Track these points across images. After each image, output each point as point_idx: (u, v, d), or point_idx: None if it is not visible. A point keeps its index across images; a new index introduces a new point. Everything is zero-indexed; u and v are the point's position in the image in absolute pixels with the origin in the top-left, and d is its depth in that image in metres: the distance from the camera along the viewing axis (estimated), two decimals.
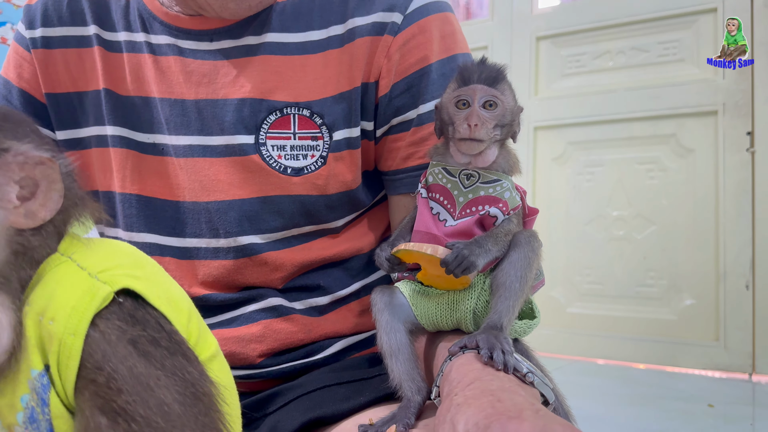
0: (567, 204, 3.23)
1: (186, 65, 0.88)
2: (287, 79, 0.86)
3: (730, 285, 2.80)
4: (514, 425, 0.47)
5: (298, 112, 0.86)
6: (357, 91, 0.86)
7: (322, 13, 0.87)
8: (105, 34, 0.92)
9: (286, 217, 0.87)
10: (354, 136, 0.87)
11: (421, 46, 0.86)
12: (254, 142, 0.86)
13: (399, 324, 0.74)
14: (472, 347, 0.65)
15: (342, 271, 0.93)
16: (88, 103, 0.92)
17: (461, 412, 0.53)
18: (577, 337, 3.14)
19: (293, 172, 0.86)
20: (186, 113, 0.87)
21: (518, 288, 0.69)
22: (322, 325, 0.91)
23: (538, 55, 3.35)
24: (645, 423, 1.98)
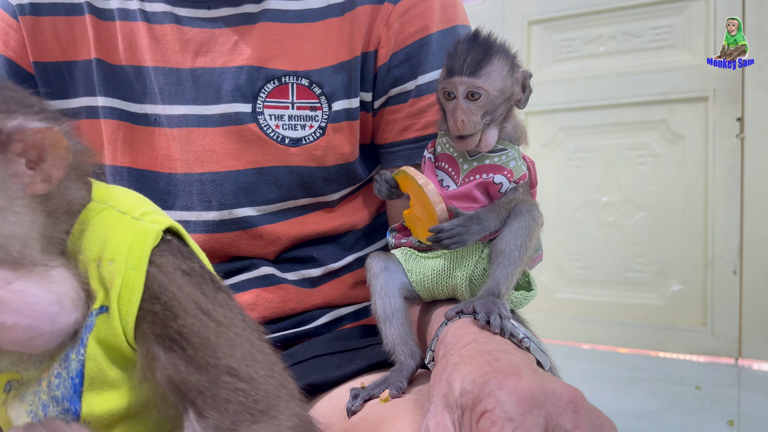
0: (556, 189, 3.24)
1: (183, 33, 0.86)
2: (286, 48, 0.84)
3: (717, 271, 2.82)
4: (512, 381, 0.46)
5: (297, 81, 0.84)
6: (357, 60, 0.85)
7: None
8: (96, 2, 0.89)
9: (283, 189, 0.86)
10: (353, 107, 0.86)
11: (421, 16, 0.85)
12: (251, 111, 0.84)
13: (394, 289, 0.73)
14: (468, 312, 0.63)
15: (335, 246, 0.92)
16: (78, 73, 0.89)
17: (457, 371, 0.51)
18: (565, 322, 3.16)
19: (291, 143, 0.85)
20: (181, 82, 0.85)
21: (518, 256, 0.68)
22: (314, 296, 0.90)
23: (530, 40, 3.34)
24: (632, 404, 2.00)
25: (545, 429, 0.44)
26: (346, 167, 0.88)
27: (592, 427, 0.46)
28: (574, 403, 0.46)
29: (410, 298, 0.75)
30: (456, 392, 0.50)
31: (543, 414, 0.45)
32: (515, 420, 0.44)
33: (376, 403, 0.67)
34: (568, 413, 0.45)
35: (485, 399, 0.46)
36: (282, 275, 0.88)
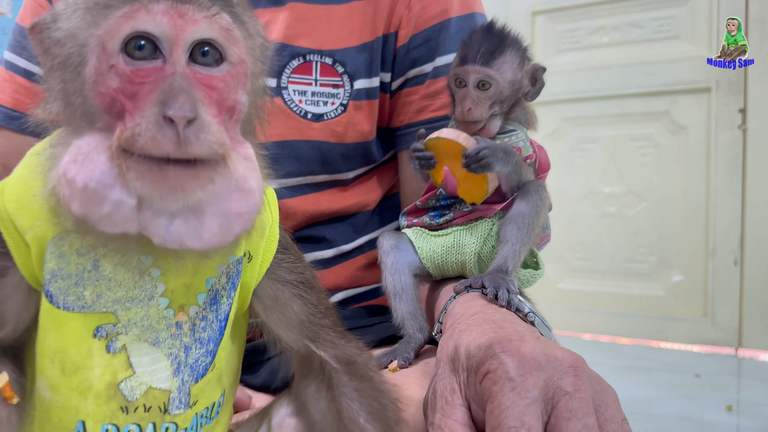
0: (559, 180, 3.24)
1: None
2: (312, 27, 0.87)
3: (718, 261, 2.84)
4: (515, 345, 0.48)
5: (321, 59, 0.87)
6: (378, 41, 0.87)
7: None
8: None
9: (303, 163, 0.88)
10: (374, 86, 0.88)
11: (441, 0, 0.87)
12: (276, 85, 0.87)
13: (404, 266, 0.75)
14: (477, 287, 0.65)
15: (347, 226, 0.94)
16: None
17: (463, 337, 0.53)
18: (567, 312, 3.18)
19: (313, 118, 0.87)
20: None
21: (525, 235, 0.70)
22: (325, 277, 0.92)
23: (534, 30, 3.35)
24: (633, 391, 2.03)
25: (546, 391, 0.45)
26: (363, 146, 0.90)
27: (593, 391, 0.47)
28: (575, 367, 0.47)
29: (420, 276, 0.77)
30: (462, 356, 0.51)
31: (543, 377, 0.46)
32: (515, 380, 0.45)
33: (385, 373, 0.69)
34: (569, 377, 0.46)
35: (489, 361, 0.48)
36: None
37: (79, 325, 0.44)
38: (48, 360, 0.44)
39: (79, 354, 0.44)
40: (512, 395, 0.44)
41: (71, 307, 0.43)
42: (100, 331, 0.44)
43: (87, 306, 0.44)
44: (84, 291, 0.43)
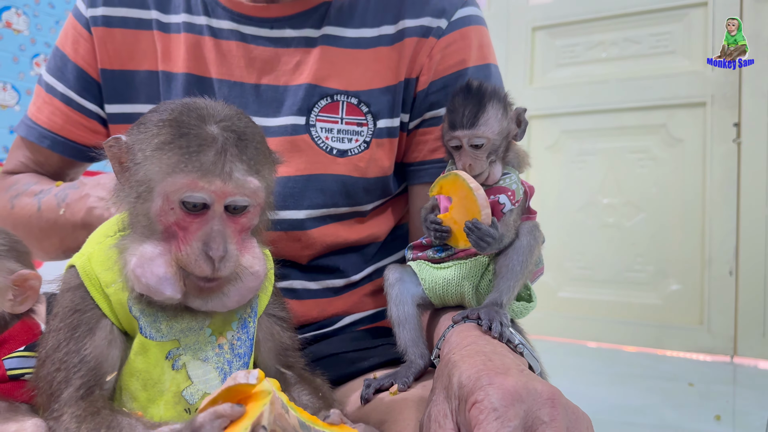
0: (559, 191, 3.32)
1: (248, 51, 0.94)
2: (340, 69, 0.94)
3: (714, 271, 2.91)
4: (500, 379, 0.54)
5: (347, 99, 0.94)
6: (401, 85, 0.95)
7: (376, 13, 0.95)
8: (163, 17, 0.97)
9: (328, 195, 0.94)
10: (395, 125, 0.95)
11: (460, 51, 0.95)
12: (305, 123, 0.93)
13: (407, 298, 0.82)
14: (473, 318, 0.72)
15: (359, 256, 1.00)
16: (140, 81, 0.97)
17: (457, 368, 0.59)
18: (567, 320, 3.25)
19: (338, 153, 0.94)
20: (244, 95, 0.94)
21: (519, 271, 0.76)
22: (334, 304, 0.99)
23: (534, 45, 3.43)
24: (627, 400, 2.09)
25: (525, 420, 0.51)
26: (383, 180, 0.97)
27: (567, 420, 0.52)
28: (552, 399, 0.53)
29: (422, 305, 0.84)
30: (455, 386, 0.57)
31: (524, 407, 0.52)
32: (498, 410, 0.51)
33: (386, 396, 0.77)
34: (547, 408, 0.52)
35: (477, 392, 0.53)
36: (309, 285, 0.97)
37: (158, 351, 0.59)
38: (133, 378, 0.59)
39: (156, 372, 0.59)
40: (496, 423, 0.50)
41: (154, 337, 0.58)
42: (170, 354, 0.59)
43: (163, 336, 0.59)
44: (161, 325, 0.59)
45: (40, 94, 1.03)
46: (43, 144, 1.01)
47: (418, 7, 0.95)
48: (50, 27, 3.55)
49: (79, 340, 0.57)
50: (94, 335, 0.58)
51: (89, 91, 1.00)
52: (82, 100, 1.00)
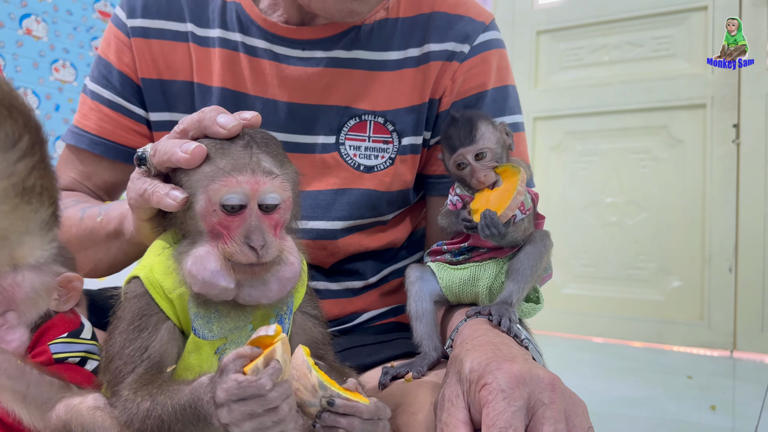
0: (563, 191, 3.39)
1: (281, 70, 0.98)
2: (368, 91, 0.99)
3: (714, 268, 2.97)
4: (507, 365, 0.60)
5: (374, 119, 0.99)
6: (425, 105, 1.00)
7: (402, 36, 1.00)
8: (198, 31, 1.00)
9: (354, 208, 1.00)
10: (418, 143, 1.01)
11: (481, 74, 1.00)
12: (335, 141, 0.99)
13: (426, 294, 0.90)
14: (485, 314, 0.80)
15: (377, 260, 1.07)
16: (177, 91, 1.01)
17: (468, 355, 0.65)
18: (571, 316, 3.31)
19: (365, 169, 0.99)
20: (277, 112, 0.98)
21: (529, 275, 0.84)
22: (353, 303, 1.06)
23: (538, 49, 3.49)
24: (628, 392, 2.16)
25: (528, 402, 0.57)
26: (404, 192, 1.02)
27: (565, 403, 0.58)
28: (552, 384, 0.59)
29: (438, 302, 0.92)
30: (466, 370, 0.63)
31: (527, 390, 0.58)
32: (506, 391, 0.57)
33: (401, 382, 0.85)
34: (547, 391, 0.58)
35: (486, 375, 0.59)
36: (330, 286, 1.04)
37: (209, 349, 0.65)
38: (188, 372, 0.65)
39: (207, 366, 0.65)
40: (503, 403, 0.57)
41: (206, 337, 0.65)
42: (218, 350, 0.65)
43: (214, 336, 0.65)
44: (213, 326, 0.65)
45: (86, 102, 1.06)
46: (95, 150, 1.03)
47: (442, 32, 0.99)
48: (68, 33, 3.64)
49: (146, 339, 0.64)
50: (159, 333, 0.65)
51: (135, 96, 1.03)
52: (130, 105, 1.03)
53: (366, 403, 0.59)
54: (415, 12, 1.01)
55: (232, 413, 0.52)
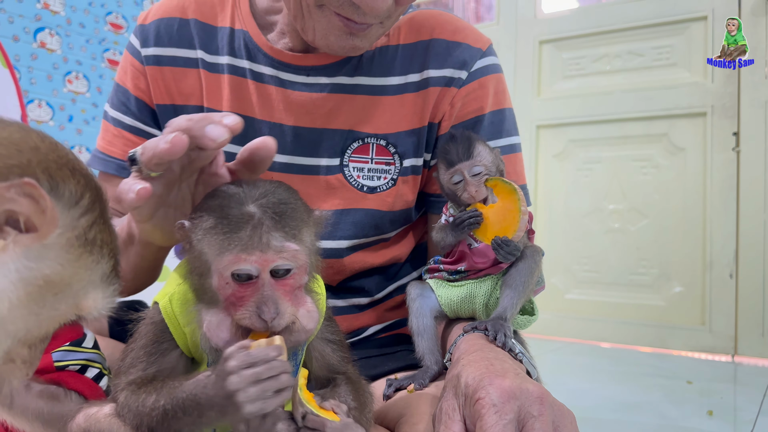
0: (566, 198, 3.43)
1: (287, 95, 1.02)
2: (370, 115, 1.02)
3: (715, 274, 3.01)
4: (499, 380, 0.64)
5: (377, 141, 1.03)
6: (425, 128, 1.03)
7: (403, 62, 1.03)
8: (208, 58, 1.04)
9: (359, 228, 1.03)
10: (419, 164, 1.04)
11: (478, 99, 1.04)
12: (339, 163, 1.02)
13: (426, 311, 0.95)
14: (481, 329, 0.85)
15: (381, 277, 1.11)
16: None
17: (465, 370, 0.69)
18: (574, 321, 3.35)
19: (368, 190, 1.03)
20: (283, 136, 1.02)
21: (521, 290, 0.88)
22: (360, 319, 1.10)
23: (541, 58, 3.53)
24: (628, 396, 2.19)
25: (519, 414, 0.61)
26: (406, 211, 1.06)
27: (553, 415, 0.62)
28: (541, 397, 0.63)
29: (438, 317, 0.97)
30: (462, 385, 0.67)
31: (518, 404, 0.62)
32: (497, 406, 0.61)
33: (404, 393, 0.90)
34: (536, 404, 0.62)
35: (479, 390, 0.63)
36: (337, 303, 1.08)
37: None
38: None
39: None
40: (495, 417, 0.61)
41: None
42: None
43: None
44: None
45: (109, 128, 1.10)
46: (123, 175, 1.04)
47: (441, 58, 1.03)
48: (81, 46, 3.72)
49: (154, 363, 0.68)
50: (167, 358, 0.69)
51: (153, 120, 1.08)
52: (151, 129, 1.08)
53: (335, 420, 0.63)
54: (415, 39, 1.04)
55: (241, 378, 0.57)
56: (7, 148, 0.43)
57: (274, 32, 1.04)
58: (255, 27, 1.04)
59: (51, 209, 0.42)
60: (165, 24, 1.06)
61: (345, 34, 0.91)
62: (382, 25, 0.93)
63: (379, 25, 0.92)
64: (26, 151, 0.44)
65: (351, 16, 0.88)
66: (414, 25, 1.05)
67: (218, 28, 1.05)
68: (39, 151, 0.45)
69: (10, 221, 0.42)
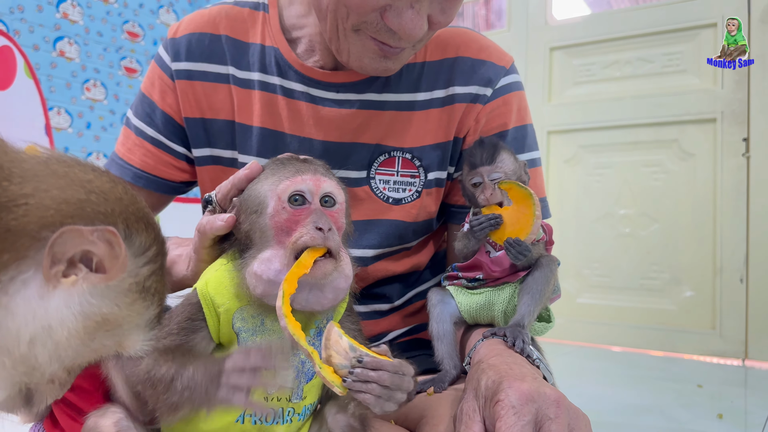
0: (577, 203, 3.46)
1: (317, 111, 1.04)
2: (397, 130, 1.05)
3: (725, 278, 3.03)
4: (518, 383, 0.67)
5: (402, 155, 1.05)
6: (450, 143, 1.06)
7: (428, 79, 1.06)
8: (239, 74, 1.06)
9: (383, 237, 1.06)
10: (442, 177, 1.07)
11: (502, 115, 1.07)
12: (366, 176, 1.05)
13: (446, 316, 0.98)
14: (500, 335, 0.88)
15: (402, 284, 1.14)
16: (218, 129, 1.08)
17: (484, 373, 0.72)
18: (586, 325, 3.38)
19: (393, 202, 1.05)
20: (312, 150, 1.04)
21: (538, 298, 0.91)
22: (380, 325, 1.13)
23: (552, 65, 3.57)
24: (637, 400, 2.22)
25: (536, 416, 0.64)
26: (429, 221, 1.08)
27: (569, 417, 0.65)
28: (558, 401, 0.66)
29: (457, 323, 1.00)
30: (482, 388, 0.70)
31: (535, 406, 0.65)
32: (516, 407, 0.64)
33: (423, 396, 0.92)
34: (553, 407, 0.65)
35: (499, 393, 0.66)
36: (359, 311, 1.08)
37: None
38: None
39: None
40: (514, 418, 0.64)
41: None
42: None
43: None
44: (256, 338, 0.73)
45: (130, 136, 1.12)
46: (138, 183, 1.11)
47: (467, 76, 1.05)
48: (98, 54, 3.79)
49: (184, 337, 0.73)
50: (196, 336, 0.73)
51: (177, 135, 1.10)
52: (171, 144, 1.11)
53: (389, 360, 0.66)
54: (441, 56, 1.07)
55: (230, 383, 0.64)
56: (97, 196, 0.48)
57: (303, 48, 1.07)
58: (285, 44, 1.06)
59: (124, 256, 0.47)
60: (196, 39, 1.08)
61: (379, 57, 0.94)
62: (413, 48, 0.96)
63: (411, 48, 0.95)
64: (112, 200, 0.49)
65: (386, 41, 0.90)
66: (440, 43, 1.07)
67: (249, 44, 1.08)
68: (122, 202, 0.50)
69: (84, 260, 0.47)
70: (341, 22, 0.91)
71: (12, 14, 3.36)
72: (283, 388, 0.72)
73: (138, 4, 4.01)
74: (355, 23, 0.90)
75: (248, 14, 1.09)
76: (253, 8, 1.10)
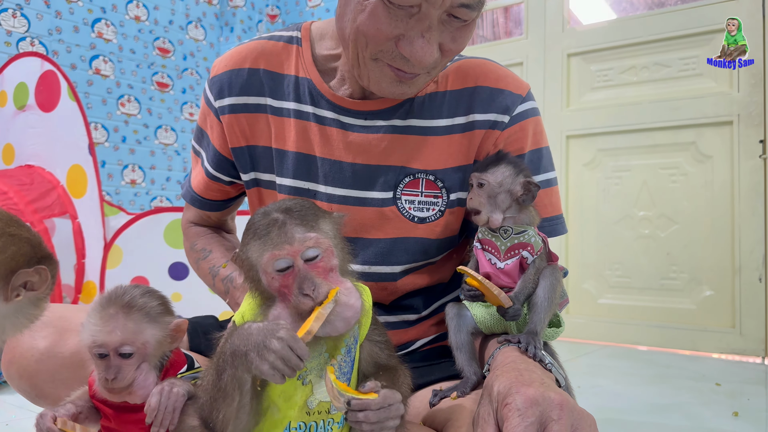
0: (597, 205, 3.52)
1: (346, 136, 1.12)
2: (420, 153, 1.12)
3: (744, 278, 3.07)
4: (524, 388, 0.72)
5: (426, 176, 1.12)
6: (470, 166, 1.12)
7: (450, 106, 1.12)
8: (275, 103, 1.15)
9: (410, 254, 1.13)
10: (464, 197, 1.12)
11: (519, 140, 1.13)
12: (392, 196, 1.11)
13: (464, 328, 1.05)
14: (514, 342, 0.95)
15: (428, 295, 1.21)
16: (259, 154, 1.18)
17: (498, 380, 0.78)
18: (607, 324, 3.43)
19: (419, 221, 1.12)
20: (342, 172, 1.12)
21: (547, 306, 0.98)
22: (408, 333, 1.20)
23: (570, 70, 3.62)
24: (656, 398, 2.26)
25: (540, 418, 0.69)
26: (452, 238, 1.15)
27: (572, 419, 0.70)
28: (561, 404, 0.71)
29: (475, 333, 1.07)
30: (495, 393, 0.76)
31: (540, 409, 0.70)
32: (521, 410, 0.70)
33: (448, 400, 0.98)
34: (556, 410, 0.70)
35: (507, 397, 0.72)
36: (389, 321, 1.17)
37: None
38: (277, 395, 0.78)
39: (291, 388, 0.78)
40: (518, 419, 0.69)
41: None
42: (300, 375, 0.78)
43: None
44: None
45: (196, 166, 1.31)
46: (194, 205, 1.32)
47: (486, 104, 1.12)
48: (132, 70, 3.94)
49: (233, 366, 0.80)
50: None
51: (222, 166, 1.24)
52: (216, 173, 1.26)
53: (375, 398, 0.73)
54: (462, 86, 1.14)
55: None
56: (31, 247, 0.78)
57: (336, 79, 1.15)
58: (317, 75, 1.14)
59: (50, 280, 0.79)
60: (235, 74, 1.18)
61: (396, 81, 1.02)
62: (428, 74, 1.04)
63: (426, 74, 1.04)
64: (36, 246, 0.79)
65: (402, 67, 0.99)
66: (460, 73, 1.14)
67: (284, 75, 1.17)
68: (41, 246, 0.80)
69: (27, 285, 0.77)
70: (361, 51, 1.00)
71: (50, 36, 3.51)
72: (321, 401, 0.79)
73: (167, 21, 4.16)
74: (373, 52, 0.99)
75: (283, 48, 1.18)
76: (288, 42, 1.19)
